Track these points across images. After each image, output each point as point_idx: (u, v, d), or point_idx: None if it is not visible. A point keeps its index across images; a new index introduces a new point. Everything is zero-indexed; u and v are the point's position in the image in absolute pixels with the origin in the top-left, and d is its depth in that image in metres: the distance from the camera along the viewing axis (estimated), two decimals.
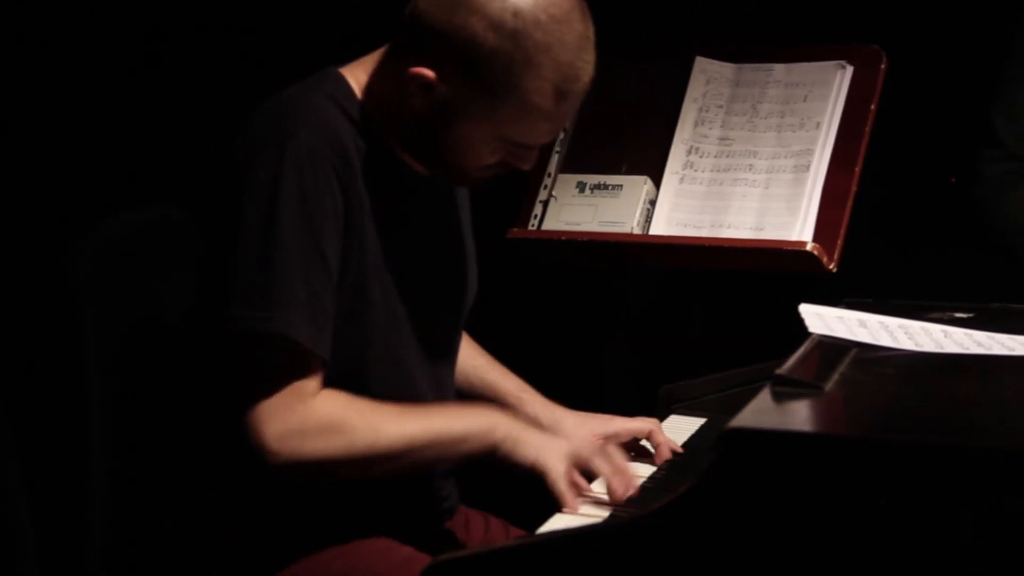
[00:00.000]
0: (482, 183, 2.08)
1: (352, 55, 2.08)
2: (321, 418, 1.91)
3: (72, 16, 3.00)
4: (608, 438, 2.22)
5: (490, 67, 1.90)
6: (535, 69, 1.90)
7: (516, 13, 1.89)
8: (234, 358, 1.91)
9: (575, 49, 1.92)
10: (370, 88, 2.02)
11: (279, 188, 1.89)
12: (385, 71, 2.02)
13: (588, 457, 2.04)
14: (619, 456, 2.07)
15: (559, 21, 1.90)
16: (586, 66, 1.95)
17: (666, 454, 2.23)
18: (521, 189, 2.82)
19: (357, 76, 2.04)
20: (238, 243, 1.90)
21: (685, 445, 2.31)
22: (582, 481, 2.03)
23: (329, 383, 1.95)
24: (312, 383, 1.92)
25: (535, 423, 2.21)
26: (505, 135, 1.97)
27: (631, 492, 2.03)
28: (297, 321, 1.89)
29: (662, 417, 2.46)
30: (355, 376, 1.97)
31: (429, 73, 1.93)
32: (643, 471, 2.17)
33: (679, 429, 2.38)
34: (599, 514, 1.97)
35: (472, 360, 2.35)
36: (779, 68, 2.79)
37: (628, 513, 1.93)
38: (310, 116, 1.95)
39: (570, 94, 1.94)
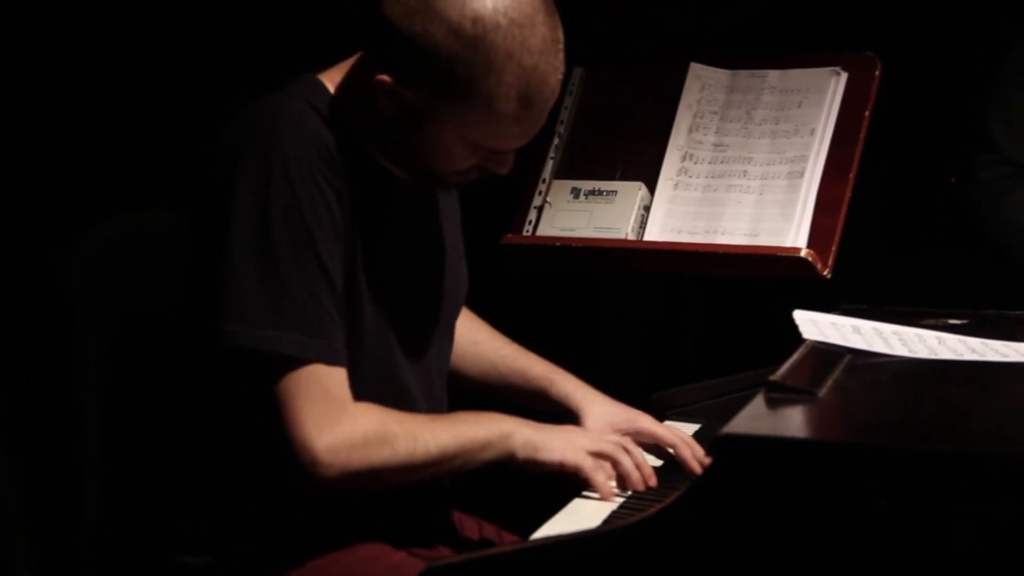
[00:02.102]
0: (464, 187, 2.08)
1: (341, 58, 2.08)
2: (366, 428, 1.93)
3: (70, 17, 3.00)
4: (629, 434, 2.22)
5: (451, 73, 1.88)
6: (497, 75, 1.88)
7: (476, 19, 1.86)
8: (254, 379, 1.91)
9: (539, 53, 1.89)
10: (345, 93, 2.01)
11: (270, 201, 1.88)
12: (357, 77, 2.01)
13: (609, 452, 2.07)
14: (638, 452, 2.10)
15: (521, 26, 1.87)
16: (552, 71, 1.91)
17: (695, 469, 2.19)
18: (515, 195, 2.82)
19: (334, 80, 2.03)
20: (233, 261, 1.88)
21: None
22: (612, 472, 2.08)
23: None
24: (343, 392, 1.93)
25: (564, 403, 2.25)
26: (474, 140, 1.95)
27: (652, 484, 2.07)
28: (305, 338, 1.89)
29: None
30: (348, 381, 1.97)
31: (392, 80, 1.91)
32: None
33: None
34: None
35: (499, 351, 2.35)
36: (774, 74, 2.79)
37: (644, 505, 1.97)
38: (292, 123, 1.94)
39: (536, 99, 1.91)
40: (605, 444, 2.08)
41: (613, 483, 2.08)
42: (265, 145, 1.91)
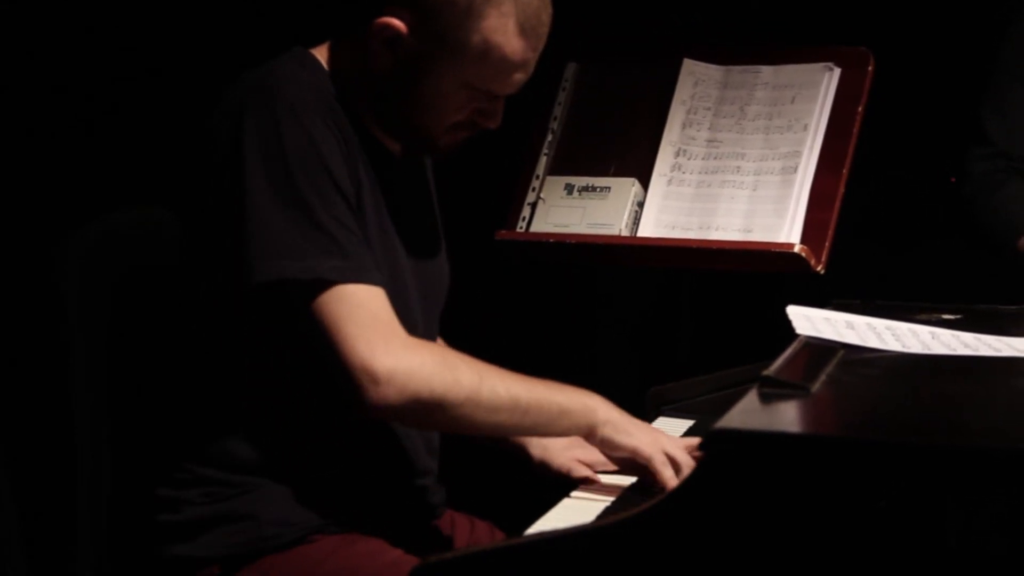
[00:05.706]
0: (451, 151, 2.10)
1: None
2: (423, 354, 1.91)
3: (66, 17, 2.99)
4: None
5: (452, 9, 1.96)
6: (496, 6, 1.96)
7: None
8: (294, 315, 1.89)
9: None
10: (336, 61, 2.06)
11: (283, 143, 1.91)
12: (349, 40, 2.06)
13: (681, 463, 2.06)
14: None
15: None
16: (544, 5, 2.02)
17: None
18: (509, 191, 2.82)
19: (323, 55, 2.08)
20: (257, 206, 1.89)
21: None
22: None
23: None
24: (390, 315, 1.92)
25: None
26: (471, 82, 2.01)
27: None
28: (340, 263, 1.89)
29: (651, 419, 2.46)
30: None
31: (394, 22, 1.97)
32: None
33: (668, 431, 2.37)
34: None
35: None
36: (767, 70, 2.79)
37: (638, 501, 1.96)
38: (291, 77, 1.98)
39: (531, 33, 2.00)
40: (680, 454, 2.07)
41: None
42: (268, 99, 1.94)
